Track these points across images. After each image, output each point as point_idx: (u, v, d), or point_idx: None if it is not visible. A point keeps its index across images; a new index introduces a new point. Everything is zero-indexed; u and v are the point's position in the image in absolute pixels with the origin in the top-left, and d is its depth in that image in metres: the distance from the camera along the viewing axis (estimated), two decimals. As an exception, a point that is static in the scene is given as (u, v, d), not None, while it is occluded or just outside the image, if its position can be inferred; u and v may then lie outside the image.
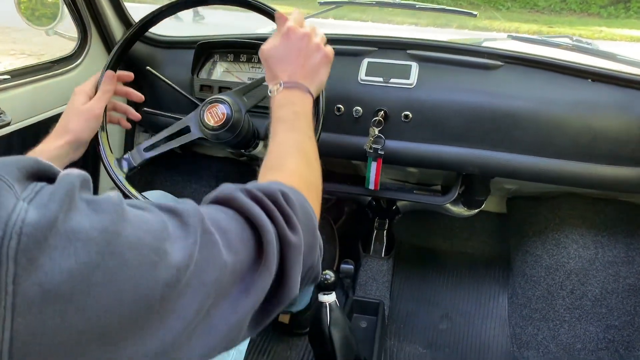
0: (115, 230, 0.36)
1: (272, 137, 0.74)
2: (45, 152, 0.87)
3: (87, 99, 0.94)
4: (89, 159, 1.18)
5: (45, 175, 0.37)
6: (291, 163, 0.68)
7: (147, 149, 0.97)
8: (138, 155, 0.97)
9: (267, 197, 0.51)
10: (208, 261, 0.42)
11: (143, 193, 0.98)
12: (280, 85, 0.79)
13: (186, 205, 0.45)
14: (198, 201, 0.49)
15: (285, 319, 1.45)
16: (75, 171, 0.38)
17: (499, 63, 1.10)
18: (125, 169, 0.97)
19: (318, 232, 0.57)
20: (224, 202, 0.50)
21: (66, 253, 0.33)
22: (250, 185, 0.53)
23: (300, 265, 0.51)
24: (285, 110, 0.76)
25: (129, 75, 1.03)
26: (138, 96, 1.03)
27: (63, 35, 1.17)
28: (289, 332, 1.48)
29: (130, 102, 1.29)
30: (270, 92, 0.80)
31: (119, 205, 0.37)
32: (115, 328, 0.35)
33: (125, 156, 0.98)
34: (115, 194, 0.39)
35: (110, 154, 0.97)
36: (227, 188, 0.51)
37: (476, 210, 1.50)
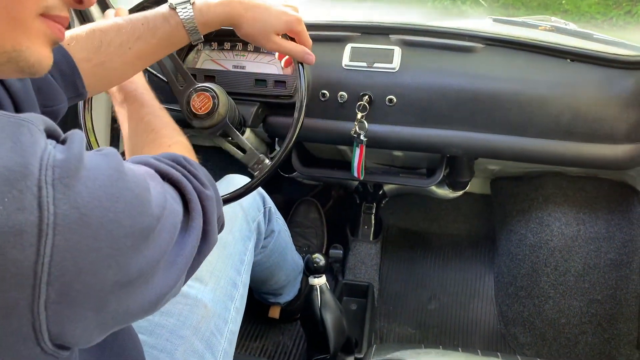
0: (123, 171, 0.43)
1: (129, 117, 0.78)
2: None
3: None
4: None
5: (55, 137, 0.42)
6: (164, 135, 0.73)
7: (133, 139, 0.97)
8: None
9: (174, 162, 0.57)
10: (170, 208, 0.48)
11: None
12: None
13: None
14: None
15: (275, 314, 1.45)
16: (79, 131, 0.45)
17: (480, 45, 1.11)
18: None
19: (217, 187, 0.64)
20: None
21: (97, 184, 0.39)
22: (155, 155, 0.58)
23: (216, 214, 0.58)
24: (129, 91, 0.81)
25: None
26: None
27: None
28: (281, 321, 1.49)
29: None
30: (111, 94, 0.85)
31: (116, 153, 0.45)
32: (129, 250, 0.42)
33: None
34: (109, 147, 0.46)
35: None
36: (137, 158, 0.56)
37: (461, 192, 1.53)
